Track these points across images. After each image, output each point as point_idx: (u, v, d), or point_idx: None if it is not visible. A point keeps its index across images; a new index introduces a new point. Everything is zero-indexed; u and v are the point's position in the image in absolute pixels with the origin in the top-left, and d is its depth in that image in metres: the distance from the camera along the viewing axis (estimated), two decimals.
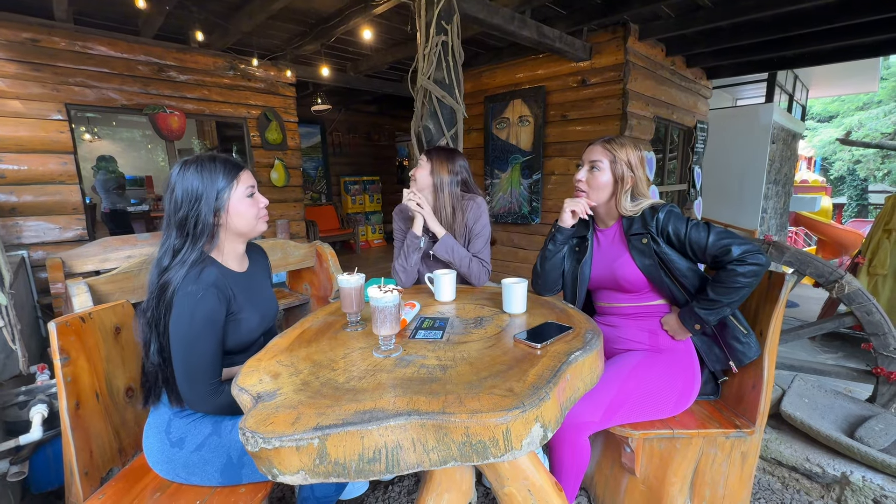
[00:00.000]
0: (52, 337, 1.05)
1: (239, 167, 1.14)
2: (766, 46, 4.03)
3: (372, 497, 1.63)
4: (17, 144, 3.16)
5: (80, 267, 2.31)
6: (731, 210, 6.44)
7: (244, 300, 1.14)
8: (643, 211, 1.36)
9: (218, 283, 1.06)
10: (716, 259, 1.25)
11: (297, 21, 3.62)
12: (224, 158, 1.13)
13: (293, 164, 4.82)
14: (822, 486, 1.60)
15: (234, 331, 1.12)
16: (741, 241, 1.22)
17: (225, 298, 1.08)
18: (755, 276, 1.20)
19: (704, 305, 1.26)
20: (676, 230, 1.30)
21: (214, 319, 1.05)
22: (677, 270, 1.31)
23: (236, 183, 1.12)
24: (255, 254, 1.31)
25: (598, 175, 1.39)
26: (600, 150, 1.40)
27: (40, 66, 3.22)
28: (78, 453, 1.06)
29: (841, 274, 1.80)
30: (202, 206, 1.07)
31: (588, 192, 1.42)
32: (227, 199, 1.10)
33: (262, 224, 1.20)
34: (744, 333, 1.32)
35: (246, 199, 1.13)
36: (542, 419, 0.78)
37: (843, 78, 7.88)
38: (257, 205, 1.16)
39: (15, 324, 1.52)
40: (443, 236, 1.65)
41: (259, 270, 1.29)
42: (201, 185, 1.07)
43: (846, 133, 15.67)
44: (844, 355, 2.86)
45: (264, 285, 1.28)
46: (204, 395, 1.05)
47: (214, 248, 1.14)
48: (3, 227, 3.14)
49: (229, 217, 1.12)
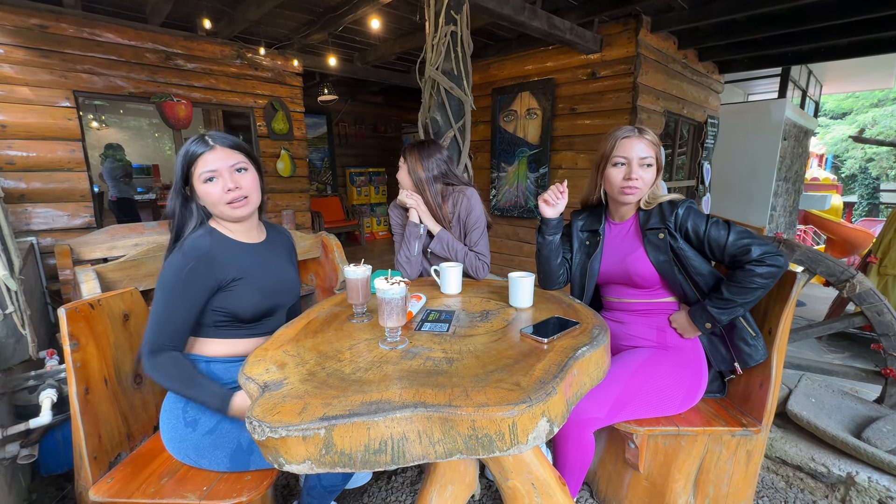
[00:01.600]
0: (61, 323, 1.06)
1: (205, 147, 1.09)
2: (781, 40, 3.95)
3: (375, 487, 1.65)
4: (25, 131, 3.17)
5: (88, 254, 2.32)
6: (740, 207, 6.37)
7: (250, 266, 1.16)
8: (662, 205, 1.32)
9: (206, 252, 1.09)
10: (734, 259, 1.23)
11: (305, 10, 3.59)
12: (200, 137, 1.11)
13: (299, 154, 4.81)
14: (827, 485, 1.60)
15: (238, 296, 1.13)
16: (761, 241, 1.20)
17: (209, 266, 1.09)
18: (772, 277, 1.18)
19: (718, 304, 1.24)
20: (696, 227, 1.27)
21: (189, 285, 1.06)
22: (692, 268, 1.29)
23: (195, 165, 1.09)
24: (275, 233, 1.33)
25: (652, 171, 1.33)
26: (647, 145, 1.31)
27: (48, 53, 3.22)
28: (87, 438, 1.07)
29: (853, 273, 1.78)
30: (175, 185, 1.12)
31: (643, 188, 1.33)
32: (191, 180, 1.11)
33: (232, 210, 1.12)
34: (752, 336, 1.30)
35: (202, 182, 1.09)
36: (549, 414, 0.78)
37: (858, 74, 7.72)
38: (220, 189, 1.09)
39: (25, 309, 1.54)
40: (438, 232, 1.65)
41: (276, 247, 1.29)
42: (176, 165, 1.11)
43: (859, 130, 15.41)
44: (851, 355, 2.84)
45: (281, 261, 1.28)
46: (148, 350, 1.06)
47: (217, 222, 1.17)
48: (13, 213, 3.16)
49: (198, 198, 1.13)
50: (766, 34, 3.67)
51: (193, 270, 1.06)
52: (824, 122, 17.54)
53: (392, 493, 1.62)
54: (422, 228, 1.68)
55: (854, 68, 7.22)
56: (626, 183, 1.32)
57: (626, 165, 1.33)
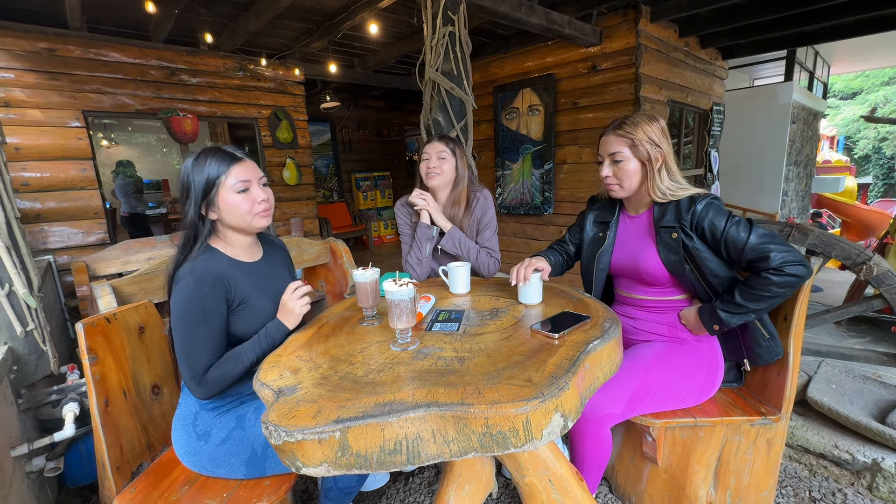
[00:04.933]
0: (80, 337, 1.09)
1: (233, 159, 1.10)
2: (785, 22, 3.88)
3: (393, 489, 1.65)
4: (39, 153, 3.25)
5: (103, 270, 2.37)
6: (751, 194, 6.27)
7: (252, 289, 1.15)
8: (680, 201, 1.23)
9: (217, 275, 1.07)
10: (751, 263, 1.15)
11: (304, 19, 3.63)
12: (219, 150, 1.11)
13: (304, 162, 4.85)
14: (852, 472, 1.56)
15: (245, 319, 1.13)
16: (784, 248, 1.12)
17: (223, 289, 1.08)
18: (790, 287, 1.11)
19: (728, 308, 1.18)
20: (713, 225, 1.18)
21: (208, 310, 1.06)
22: (707, 270, 1.21)
23: (225, 176, 1.09)
24: (270, 246, 1.32)
25: (624, 166, 1.28)
26: (615, 139, 1.29)
27: (57, 75, 3.30)
28: (109, 449, 1.10)
29: (869, 255, 1.74)
30: (191, 199, 1.09)
31: (620, 184, 1.31)
32: (215, 192, 1.09)
33: (260, 220, 1.14)
34: (766, 337, 1.25)
35: (236, 193, 1.10)
36: (562, 409, 0.77)
37: (867, 52, 7.55)
38: (251, 200, 1.11)
39: (45, 325, 1.57)
40: (449, 229, 1.64)
41: (275, 262, 1.29)
42: (194, 179, 1.08)
43: (871, 110, 15.06)
44: (872, 339, 2.78)
45: (281, 274, 1.28)
46: (194, 384, 1.07)
47: (219, 239, 1.16)
48: (30, 233, 3.24)
49: (221, 211, 1.11)
50: (769, 17, 3.60)
51: (208, 296, 1.06)
52: (834, 103, 17.18)
53: (410, 495, 1.62)
54: (434, 230, 1.67)
55: (862, 47, 7.06)
56: (604, 180, 1.34)
57: (602, 163, 1.34)
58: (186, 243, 1.12)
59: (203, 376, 1.07)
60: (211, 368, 1.08)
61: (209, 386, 1.07)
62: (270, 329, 1.12)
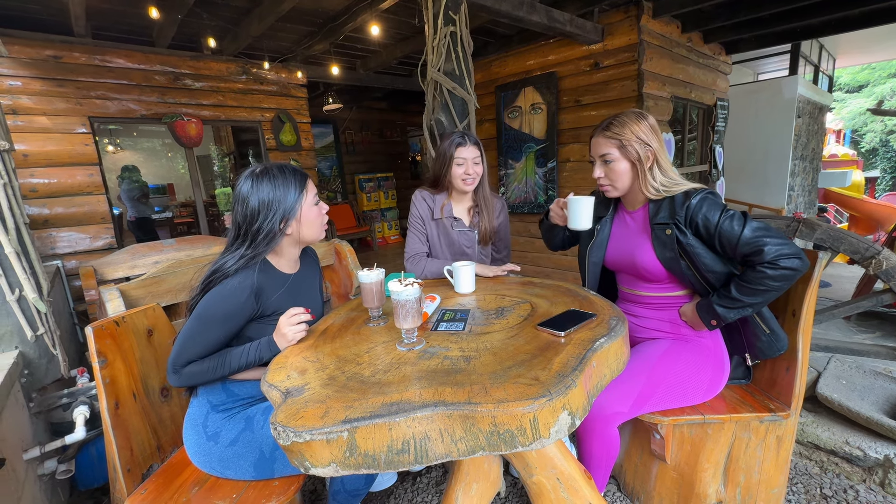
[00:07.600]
0: (89, 341, 1.10)
1: (305, 176, 1.18)
2: (789, 16, 3.85)
3: (401, 489, 1.66)
4: (46, 159, 3.29)
5: (111, 274, 2.39)
6: (757, 189, 6.22)
7: (285, 300, 1.17)
8: (675, 196, 1.22)
9: (259, 286, 1.10)
10: (746, 257, 1.14)
11: (306, 21, 3.64)
12: (292, 169, 1.17)
13: (308, 164, 4.87)
14: (864, 469, 1.55)
15: (269, 328, 1.14)
16: (779, 241, 1.10)
17: (257, 302, 1.11)
18: (786, 280, 1.10)
19: (725, 303, 1.18)
20: (707, 220, 1.17)
21: (230, 316, 1.08)
22: (703, 266, 1.20)
23: (305, 192, 1.16)
24: (307, 256, 1.35)
25: (614, 166, 1.29)
26: (603, 140, 1.29)
27: (63, 82, 3.33)
28: (119, 451, 1.11)
29: (878, 249, 1.72)
30: (275, 215, 1.12)
31: (613, 185, 1.32)
32: (298, 208, 1.14)
33: (324, 231, 1.24)
34: (765, 333, 1.24)
35: (314, 206, 1.19)
36: (570, 407, 0.77)
37: (873, 44, 7.47)
38: (322, 212, 1.21)
39: (54, 330, 1.59)
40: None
41: (310, 273, 1.33)
42: (274, 196, 1.12)
43: (878, 102, 14.89)
44: (882, 334, 2.74)
45: (312, 286, 1.32)
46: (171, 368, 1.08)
47: (272, 252, 1.19)
48: (39, 238, 3.28)
49: (300, 226, 1.16)
50: (772, 10, 3.57)
51: (244, 304, 1.08)
52: (840, 96, 17.01)
53: (418, 494, 1.62)
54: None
55: (868, 39, 6.99)
56: (598, 181, 1.35)
57: (594, 164, 1.35)
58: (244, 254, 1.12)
59: (183, 368, 1.08)
60: (193, 363, 1.09)
61: (183, 378, 1.09)
62: (262, 345, 1.11)
